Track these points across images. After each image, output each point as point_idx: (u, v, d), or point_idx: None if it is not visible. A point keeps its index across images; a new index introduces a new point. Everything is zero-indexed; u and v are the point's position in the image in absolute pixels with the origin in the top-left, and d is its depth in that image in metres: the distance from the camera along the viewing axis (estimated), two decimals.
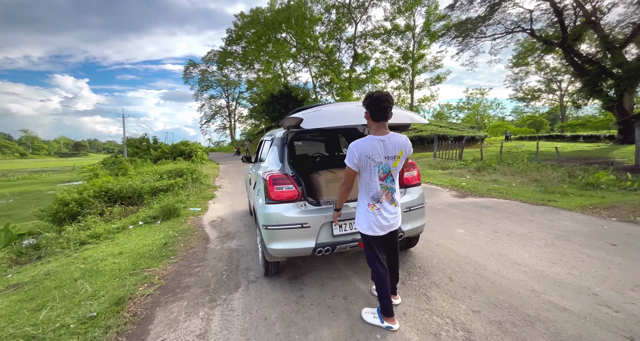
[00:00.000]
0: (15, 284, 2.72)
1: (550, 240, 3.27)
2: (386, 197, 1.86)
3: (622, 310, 1.96)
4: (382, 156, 1.79)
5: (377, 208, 1.86)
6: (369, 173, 1.82)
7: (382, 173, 1.82)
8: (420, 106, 58.84)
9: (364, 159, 1.78)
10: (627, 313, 1.93)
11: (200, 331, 1.97)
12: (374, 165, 1.79)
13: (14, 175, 24.22)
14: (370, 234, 1.89)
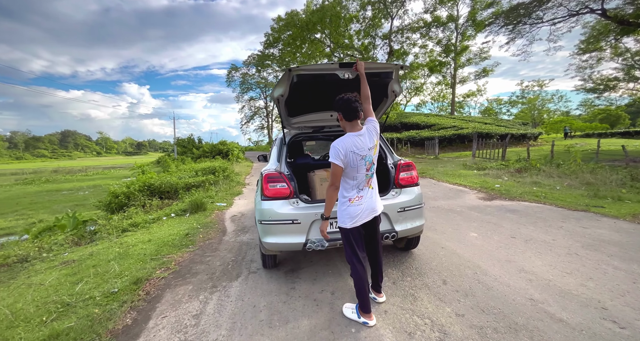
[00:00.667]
0: (67, 261, 3.31)
1: (574, 249, 2.95)
2: (367, 184, 1.97)
3: (630, 327, 1.74)
4: (365, 148, 1.88)
5: (358, 198, 1.93)
6: (356, 167, 1.88)
7: (368, 164, 1.92)
8: (464, 102, 54.87)
9: (350, 155, 1.83)
10: (634, 331, 1.71)
11: (197, 312, 2.22)
12: (359, 159, 1.86)
13: (91, 171, 28.36)
14: (352, 227, 1.92)
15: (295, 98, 2.75)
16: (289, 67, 2.21)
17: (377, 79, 2.44)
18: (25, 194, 13.41)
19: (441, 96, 48.00)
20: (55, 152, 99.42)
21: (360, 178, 1.92)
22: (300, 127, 3.10)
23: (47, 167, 34.98)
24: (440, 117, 35.71)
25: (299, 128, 3.11)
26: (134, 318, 2.16)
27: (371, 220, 2.00)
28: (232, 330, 1.96)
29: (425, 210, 4.75)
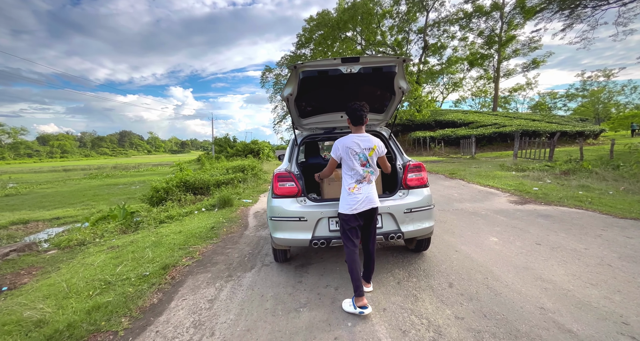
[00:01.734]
0: (113, 246, 3.82)
1: (608, 259, 2.67)
2: (367, 179, 2.21)
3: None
4: (361, 147, 2.19)
5: (358, 188, 2.20)
6: (352, 161, 2.18)
7: (362, 160, 2.19)
8: (510, 97, 50.32)
9: (345, 149, 2.18)
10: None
11: (212, 297, 2.46)
12: (354, 154, 2.18)
13: (142, 167, 31.56)
14: (349, 213, 2.16)
15: (306, 99, 2.87)
16: (295, 64, 2.32)
17: (380, 74, 2.46)
18: (90, 188, 15.37)
19: (482, 91, 44.78)
20: (114, 150, 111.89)
21: (357, 171, 2.19)
22: (312, 128, 3.22)
23: (108, 164, 39.68)
24: (481, 114, 33.33)
25: (311, 129, 3.23)
26: (160, 298, 2.46)
27: (368, 211, 2.19)
28: (239, 315, 2.16)
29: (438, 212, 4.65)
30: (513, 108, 53.41)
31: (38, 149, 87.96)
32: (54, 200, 11.41)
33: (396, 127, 28.01)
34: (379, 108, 3.11)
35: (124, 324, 2.08)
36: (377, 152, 2.23)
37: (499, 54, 36.12)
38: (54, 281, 2.75)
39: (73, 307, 2.24)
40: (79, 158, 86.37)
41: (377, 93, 2.88)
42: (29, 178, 21.75)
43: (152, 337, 1.94)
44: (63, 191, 14.53)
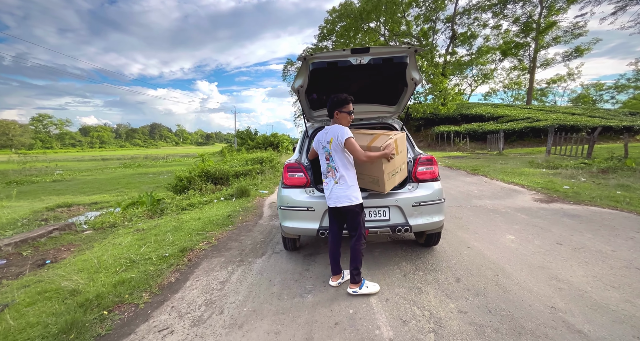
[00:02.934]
0: (139, 229, 4.13)
1: (638, 263, 2.48)
2: (331, 174, 2.25)
3: None
4: (325, 141, 2.25)
5: (325, 183, 2.31)
6: (321, 155, 2.32)
7: (326, 154, 2.25)
8: (548, 89, 46.55)
9: (317, 143, 2.33)
10: None
11: (223, 279, 2.61)
12: (321, 147, 2.29)
13: (170, 158, 33.27)
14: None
15: (316, 91, 2.89)
16: (304, 56, 2.34)
17: (391, 65, 2.42)
18: (123, 176, 16.50)
19: (515, 83, 41.92)
20: (146, 141, 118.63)
21: (324, 165, 2.30)
22: (323, 120, 3.24)
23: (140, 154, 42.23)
24: (512, 107, 31.35)
25: (322, 121, 3.24)
26: (177, 278, 2.65)
27: (337, 209, 2.24)
28: (247, 297, 2.28)
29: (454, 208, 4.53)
30: (551, 101, 49.43)
31: (80, 139, 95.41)
32: (93, 186, 12.39)
33: (419, 122, 27.10)
34: (391, 100, 3.06)
35: (144, 298, 2.27)
36: (335, 144, 2.14)
37: (536, 43, 33.47)
38: (88, 257, 3.05)
39: (102, 280, 2.48)
40: (115, 148, 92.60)
41: (389, 85, 2.83)
42: (72, 166, 23.69)
43: (168, 311, 2.11)
44: (100, 178, 15.72)
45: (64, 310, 2.01)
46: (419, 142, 26.03)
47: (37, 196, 9.54)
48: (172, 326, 1.93)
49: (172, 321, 1.98)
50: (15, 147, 65.44)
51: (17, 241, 3.48)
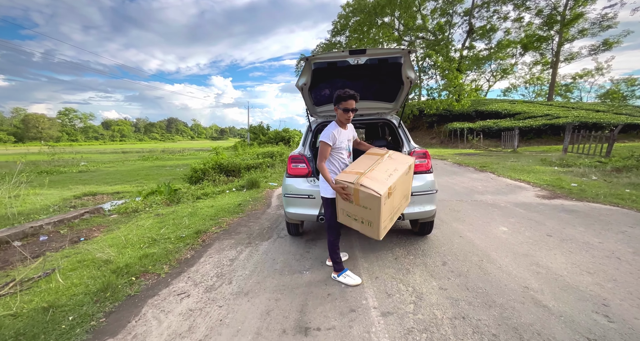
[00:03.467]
0: (159, 214, 4.54)
1: (620, 253, 2.60)
2: None
3: (623, 322, 1.66)
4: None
5: None
6: None
7: None
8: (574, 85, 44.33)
9: None
10: (624, 325, 1.62)
11: (233, 257, 2.93)
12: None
13: (186, 152, 34.42)
14: None
15: (319, 88, 3.13)
16: (307, 56, 2.58)
17: (387, 65, 2.61)
18: (142, 168, 17.34)
19: (537, 78, 40.32)
20: (163, 135, 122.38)
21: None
22: (326, 115, 3.47)
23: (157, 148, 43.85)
24: (531, 104, 30.26)
25: (325, 117, 3.48)
26: (192, 255, 2.99)
27: None
28: (252, 272, 2.58)
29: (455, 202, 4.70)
30: (576, 97, 47.04)
31: (102, 132, 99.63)
32: (115, 177, 13.16)
33: (432, 118, 26.71)
34: (389, 97, 3.25)
35: (165, 269, 2.62)
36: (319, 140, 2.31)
37: (560, 36, 31.98)
38: (116, 235, 3.45)
39: (129, 254, 2.85)
40: (134, 142, 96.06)
41: (387, 83, 3.03)
42: (96, 158, 24.98)
43: (184, 280, 2.44)
44: (122, 170, 16.59)
45: (100, 274, 2.39)
46: (431, 139, 25.71)
47: (66, 185, 10.27)
48: (188, 292, 2.25)
49: (189, 288, 2.31)
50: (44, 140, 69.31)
51: (55, 221, 3.95)
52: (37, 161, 18.99)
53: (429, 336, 1.65)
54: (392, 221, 2.20)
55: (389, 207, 2.06)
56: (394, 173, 2.10)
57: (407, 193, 2.37)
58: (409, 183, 2.35)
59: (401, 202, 2.27)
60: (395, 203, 2.15)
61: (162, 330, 1.79)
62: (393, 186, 2.03)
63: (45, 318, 1.84)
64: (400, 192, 2.18)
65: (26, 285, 2.24)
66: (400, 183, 2.13)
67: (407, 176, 2.24)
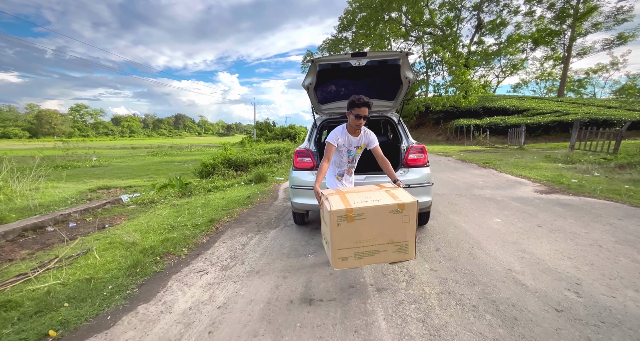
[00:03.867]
0: (174, 204, 4.86)
1: (602, 242, 2.79)
2: None
3: (590, 298, 1.88)
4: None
5: None
6: None
7: None
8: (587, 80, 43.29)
9: None
10: (590, 300, 1.85)
11: (244, 243, 3.21)
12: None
13: (193, 148, 35.04)
14: None
15: (324, 87, 3.36)
16: (312, 58, 2.81)
17: (387, 66, 2.83)
18: (152, 163, 17.85)
19: (548, 74, 39.51)
20: (171, 131, 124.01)
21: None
22: (330, 113, 3.70)
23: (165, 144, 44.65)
24: (541, 100, 29.83)
25: (329, 114, 3.71)
26: (207, 240, 3.29)
27: None
28: (262, 255, 2.85)
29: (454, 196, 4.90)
30: (589, 93, 45.94)
31: (112, 128, 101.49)
32: (126, 172, 13.64)
33: (438, 114, 26.60)
34: (389, 96, 3.46)
35: (184, 251, 2.92)
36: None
37: (573, 30, 31.27)
38: (138, 222, 3.77)
39: (152, 238, 3.16)
40: (143, 138, 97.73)
41: (387, 83, 3.24)
42: (107, 153, 25.68)
43: (202, 260, 2.73)
44: (132, 165, 17.12)
45: (129, 254, 2.70)
46: (437, 136, 25.64)
47: (80, 179, 10.73)
48: (206, 270, 2.54)
49: (206, 267, 2.60)
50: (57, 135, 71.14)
51: (81, 210, 4.30)
52: (52, 156, 19.68)
53: (417, 306, 1.90)
54: (360, 258, 1.84)
55: (352, 235, 1.77)
56: (372, 203, 1.78)
57: (395, 239, 1.84)
58: (399, 228, 1.81)
59: (386, 246, 1.84)
60: (366, 237, 1.80)
61: (187, 298, 2.08)
62: (359, 212, 1.73)
63: (89, 287, 2.15)
64: (378, 229, 1.80)
65: (67, 262, 2.56)
66: (377, 217, 1.77)
67: (394, 216, 1.78)
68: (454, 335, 1.62)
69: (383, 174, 3.03)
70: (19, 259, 2.78)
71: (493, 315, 1.77)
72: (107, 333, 1.73)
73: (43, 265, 2.50)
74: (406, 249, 1.87)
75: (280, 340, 1.64)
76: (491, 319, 1.73)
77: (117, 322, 1.83)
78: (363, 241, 1.81)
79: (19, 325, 1.76)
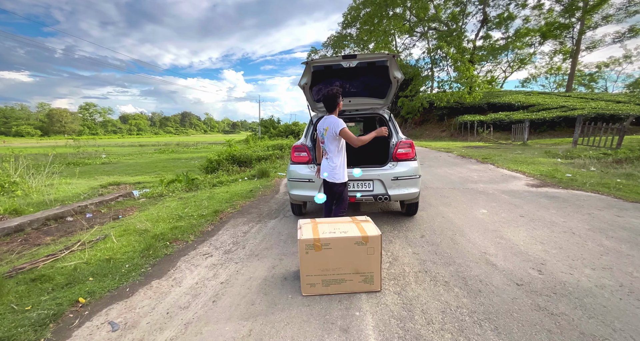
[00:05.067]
0: (181, 197, 5.18)
1: (576, 229, 2.99)
2: (325, 155, 2.77)
3: (550, 275, 2.10)
4: (322, 128, 2.72)
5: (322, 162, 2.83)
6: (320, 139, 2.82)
7: (322, 139, 2.75)
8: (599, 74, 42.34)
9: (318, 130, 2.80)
10: (549, 276, 2.08)
11: (245, 231, 3.49)
12: (319, 134, 2.79)
13: (200, 145, 35.65)
14: None
15: (319, 87, 3.60)
16: (307, 61, 3.05)
17: (376, 67, 3.05)
18: (159, 160, 18.34)
19: (555, 68, 38.82)
20: (177, 129, 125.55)
21: (321, 148, 2.81)
22: (325, 110, 3.93)
23: (172, 141, 45.46)
24: (547, 95, 29.42)
25: (324, 111, 3.94)
26: (212, 228, 3.58)
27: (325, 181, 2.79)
28: (262, 241, 3.13)
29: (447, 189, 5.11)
30: (601, 87, 45.01)
31: (120, 126, 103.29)
32: (135, 169, 14.11)
33: (442, 111, 26.51)
34: (380, 94, 3.68)
35: (191, 238, 3.21)
36: (329, 133, 2.59)
37: (582, 23, 30.63)
38: (149, 213, 4.10)
39: (162, 226, 3.47)
40: (150, 135, 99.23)
41: (378, 82, 3.46)
42: (115, 151, 26.34)
43: (207, 245, 3.02)
44: (140, 162, 17.62)
45: (142, 239, 3.01)
46: (442, 132, 25.59)
47: (92, 175, 11.18)
48: (211, 253, 2.83)
49: (211, 251, 2.89)
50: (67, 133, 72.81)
51: (96, 202, 4.64)
52: (64, 154, 20.32)
53: (395, 282, 2.15)
54: (327, 286, 1.99)
55: (319, 263, 1.94)
56: (339, 234, 1.95)
57: (360, 270, 1.97)
58: (364, 259, 1.95)
59: (352, 276, 1.98)
60: (333, 266, 1.95)
61: (194, 275, 2.37)
62: (326, 242, 1.91)
63: (109, 265, 2.46)
64: (344, 259, 1.94)
65: (88, 245, 2.88)
66: (342, 248, 1.93)
67: (359, 248, 1.93)
68: (424, 304, 1.87)
69: (378, 166, 3.28)
70: (44, 244, 3.12)
71: (461, 288, 2.01)
72: (127, 301, 2.03)
73: (68, 248, 2.82)
74: (372, 281, 2.00)
75: (274, 307, 1.91)
76: (458, 291, 1.98)
77: (135, 293, 2.12)
78: (330, 270, 1.96)
79: (54, 294, 2.07)
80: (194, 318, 1.82)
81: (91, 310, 1.93)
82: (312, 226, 2.16)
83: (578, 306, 1.75)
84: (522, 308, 1.76)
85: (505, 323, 1.64)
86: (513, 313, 1.72)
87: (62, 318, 1.84)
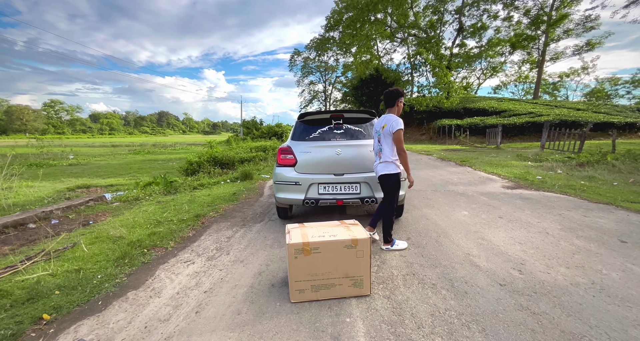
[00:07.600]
0: (160, 201, 4.92)
1: (550, 230, 3.16)
2: (379, 155, 2.81)
3: (529, 274, 2.19)
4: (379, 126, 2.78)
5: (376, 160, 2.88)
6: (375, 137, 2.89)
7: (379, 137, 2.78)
8: (561, 83, 45.80)
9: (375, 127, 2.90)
10: (529, 276, 2.16)
11: (229, 236, 3.37)
12: (375, 131, 2.87)
13: (178, 146, 34.32)
14: None
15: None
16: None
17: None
18: (134, 162, 17.43)
19: (523, 77, 41.41)
20: (154, 129, 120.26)
21: (376, 146, 2.86)
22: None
23: (148, 142, 43.43)
24: (517, 102, 31.28)
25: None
26: (194, 234, 3.42)
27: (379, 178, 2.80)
28: (247, 246, 3.03)
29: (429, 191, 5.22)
30: (563, 96, 48.54)
31: (90, 125, 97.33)
32: (107, 171, 13.31)
33: (421, 115, 27.38)
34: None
35: (171, 244, 3.05)
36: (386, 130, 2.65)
37: (547, 36, 32.97)
38: (124, 218, 3.85)
39: (139, 232, 3.27)
40: (124, 135, 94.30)
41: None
42: (85, 151, 24.75)
43: (189, 252, 2.88)
44: (113, 163, 16.66)
45: (116, 247, 2.80)
46: (421, 135, 26.41)
47: (57, 177, 10.40)
48: (193, 260, 2.69)
49: (193, 258, 2.75)
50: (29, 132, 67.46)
51: (63, 207, 4.30)
52: (25, 154, 18.78)
53: (384, 286, 2.14)
54: (316, 291, 1.96)
55: (309, 268, 1.91)
56: (328, 238, 1.93)
57: (350, 274, 1.96)
58: (354, 263, 1.94)
59: (341, 280, 1.96)
60: (322, 270, 1.93)
61: (175, 285, 2.24)
62: (315, 246, 1.88)
63: (78, 276, 2.26)
64: (333, 263, 1.93)
65: (54, 255, 2.64)
66: (332, 251, 1.91)
67: (348, 251, 1.92)
68: (413, 307, 1.87)
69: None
70: (1, 255, 2.83)
71: (448, 290, 2.04)
72: (99, 315, 1.87)
73: (30, 258, 2.57)
74: (361, 284, 1.98)
75: (262, 316, 1.84)
76: (446, 294, 2.00)
77: (108, 306, 1.96)
78: (319, 274, 1.94)
79: (12, 311, 1.86)
80: (175, 332, 1.71)
81: (57, 328, 1.76)
82: (300, 230, 2.12)
83: (557, 305, 1.83)
84: (507, 309, 1.81)
85: (492, 324, 1.67)
86: (498, 314, 1.76)
87: (22, 338, 1.66)
